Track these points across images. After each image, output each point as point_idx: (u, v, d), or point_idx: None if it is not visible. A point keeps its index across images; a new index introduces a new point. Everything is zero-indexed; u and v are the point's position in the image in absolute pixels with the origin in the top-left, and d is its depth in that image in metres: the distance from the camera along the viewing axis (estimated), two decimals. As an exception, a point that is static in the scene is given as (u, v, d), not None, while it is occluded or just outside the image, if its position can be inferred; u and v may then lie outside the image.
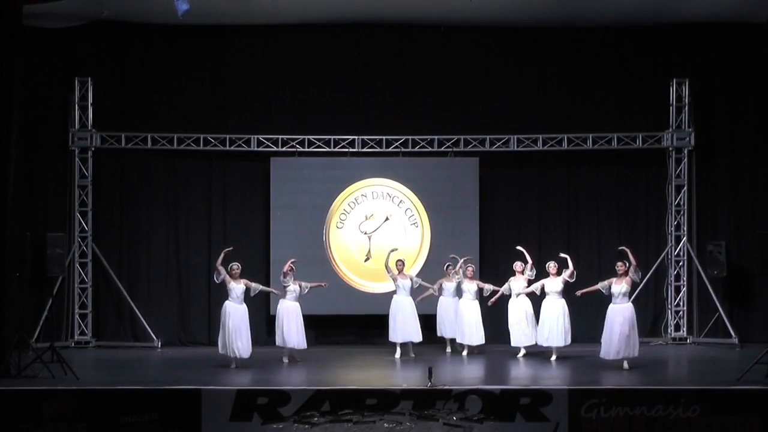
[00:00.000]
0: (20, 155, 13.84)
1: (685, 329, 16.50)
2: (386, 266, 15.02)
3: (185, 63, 16.54)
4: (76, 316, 16.02)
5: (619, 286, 13.42)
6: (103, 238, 16.32)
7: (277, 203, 16.25)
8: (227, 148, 16.29)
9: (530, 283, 14.75)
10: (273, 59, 16.61)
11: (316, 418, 10.94)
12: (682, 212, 16.56)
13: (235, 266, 13.86)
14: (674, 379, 12.93)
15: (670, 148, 16.51)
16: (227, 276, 13.76)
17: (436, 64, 16.70)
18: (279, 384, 12.12)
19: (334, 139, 16.36)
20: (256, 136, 16.31)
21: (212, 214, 16.58)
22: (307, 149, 16.35)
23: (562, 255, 14.49)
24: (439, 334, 15.36)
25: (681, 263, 16.51)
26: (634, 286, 13.83)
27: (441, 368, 13.69)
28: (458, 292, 15.14)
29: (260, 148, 16.32)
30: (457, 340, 15.07)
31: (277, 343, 14.37)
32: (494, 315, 15.27)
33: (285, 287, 14.39)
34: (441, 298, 15.24)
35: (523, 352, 14.70)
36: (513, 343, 14.83)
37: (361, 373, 13.87)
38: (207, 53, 16.55)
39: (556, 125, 16.53)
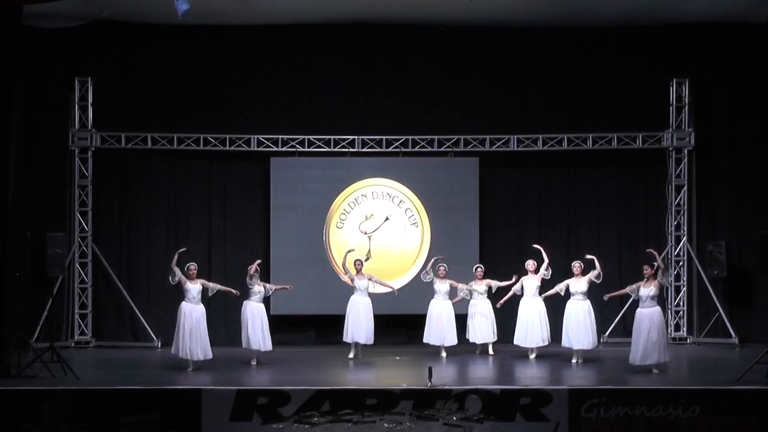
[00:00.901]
0: (20, 155, 13.83)
1: (685, 329, 16.51)
2: (343, 266, 14.94)
3: (185, 63, 16.54)
4: (76, 316, 16.02)
5: (647, 289, 13.20)
6: (103, 238, 16.33)
7: (277, 203, 16.25)
8: (227, 148, 16.29)
9: (544, 282, 14.59)
10: (273, 59, 16.61)
11: (316, 418, 10.94)
12: (682, 212, 16.55)
13: (192, 266, 13.71)
14: (674, 379, 12.92)
15: (670, 148, 16.51)
16: (182, 277, 13.62)
17: (436, 64, 16.70)
18: (278, 384, 12.09)
19: (334, 139, 16.36)
20: (256, 136, 16.31)
21: (212, 214, 16.58)
22: (307, 149, 16.35)
23: (589, 256, 14.22)
24: (471, 339, 15.10)
25: (681, 263, 16.51)
26: (662, 288, 13.66)
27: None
28: (487, 293, 15.01)
29: (260, 148, 16.32)
30: (431, 342, 14.88)
31: (243, 345, 14.12)
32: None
33: (250, 288, 14.19)
34: (471, 301, 15.05)
35: (534, 354, 14.52)
36: (516, 342, 14.68)
37: (361, 373, 13.87)
38: (207, 53, 16.55)
39: (556, 125, 16.53)
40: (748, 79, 16.40)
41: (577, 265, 14.29)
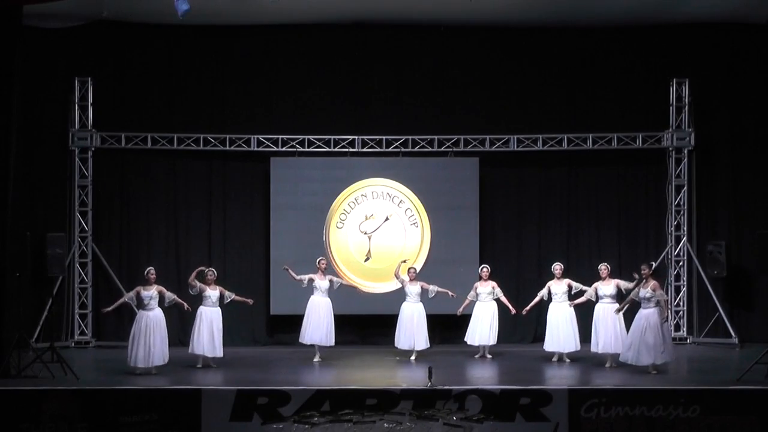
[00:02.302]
0: (20, 155, 13.83)
1: (685, 329, 16.51)
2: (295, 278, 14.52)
3: (185, 63, 16.55)
4: (76, 316, 16.02)
5: (644, 291, 12.99)
6: (103, 238, 16.32)
7: (277, 203, 16.24)
8: (227, 148, 16.29)
9: (571, 288, 14.30)
10: (273, 59, 16.61)
11: (316, 418, 10.94)
12: (682, 212, 16.56)
13: (152, 271, 13.38)
14: (674, 379, 12.92)
15: (670, 148, 16.51)
16: (139, 290, 13.21)
17: (436, 64, 16.70)
18: (277, 384, 12.09)
19: (334, 139, 16.36)
20: (256, 136, 16.31)
21: (212, 214, 16.58)
22: (307, 149, 16.35)
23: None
24: (469, 341, 14.92)
25: (681, 263, 16.51)
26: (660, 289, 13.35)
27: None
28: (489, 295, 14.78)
29: (260, 148, 16.32)
30: (399, 347, 14.62)
31: (189, 350, 13.77)
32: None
33: (198, 294, 13.76)
34: (477, 303, 14.83)
35: (567, 359, 14.28)
36: (546, 347, 14.39)
37: (361, 373, 13.87)
38: (207, 53, 16.56)
39: (556, 125, 16.54)
40: (748, 79, 16.42)
41: (603, 267, 13.97)
